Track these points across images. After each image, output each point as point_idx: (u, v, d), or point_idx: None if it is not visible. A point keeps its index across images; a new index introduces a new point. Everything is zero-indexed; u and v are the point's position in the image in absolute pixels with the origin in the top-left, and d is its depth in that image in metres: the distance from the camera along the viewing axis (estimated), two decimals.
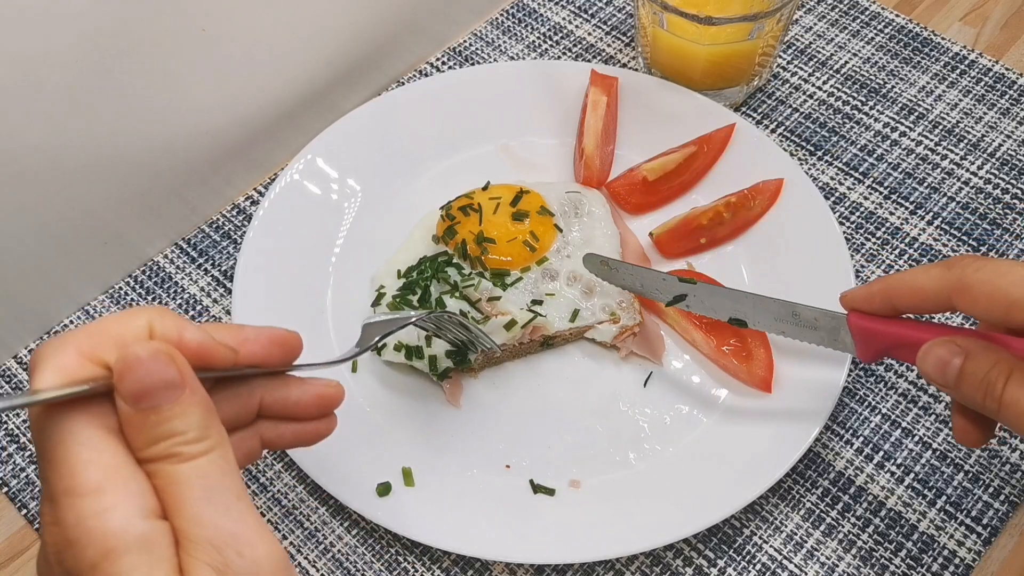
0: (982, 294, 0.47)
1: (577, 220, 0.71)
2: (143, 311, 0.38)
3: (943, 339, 0.49)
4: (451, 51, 0.87)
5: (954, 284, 0.48)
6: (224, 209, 0.78)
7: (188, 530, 0.35)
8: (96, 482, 0.34)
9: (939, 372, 0.48)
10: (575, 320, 0.66)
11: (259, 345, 0.43)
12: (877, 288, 0.53)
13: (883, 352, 0.54)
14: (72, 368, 0.36)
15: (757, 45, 0.75)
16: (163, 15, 0.64)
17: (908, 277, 0.51)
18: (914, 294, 0.51)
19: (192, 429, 0.36)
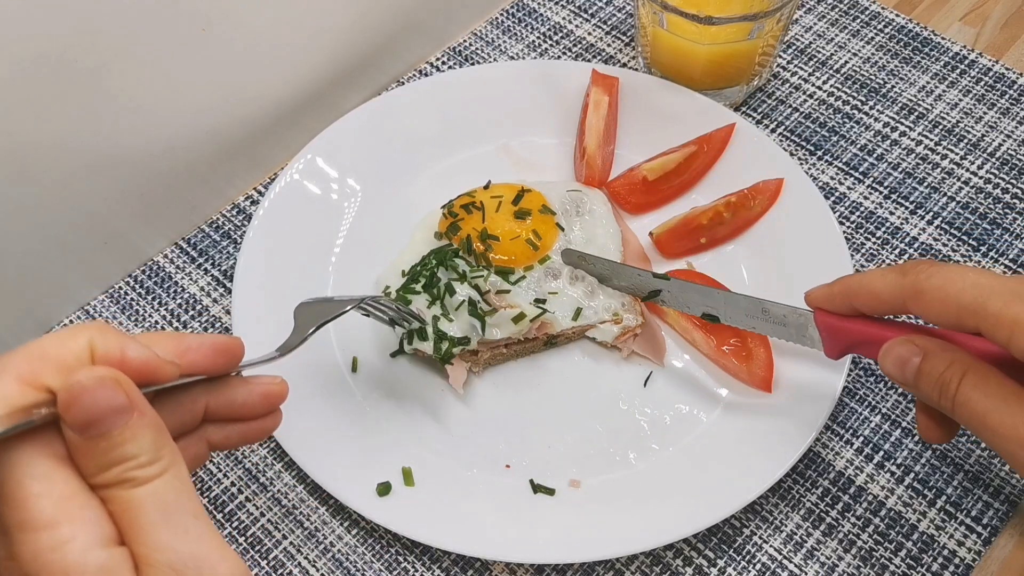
0: (935, 300, 0.48)
1: (579, 219, 0.71)
2: (82, 329, 0.37)
3: (903, 338, 0.50)
4: (451, 51, 0.87)
5: (908, 290, 0.49)
6: (224, 209, 0.78)
7: (147, 555, 0.35)
8: (50, 515, 0.34)
9: (898, 370, 0.50)
10: (578, 319, 0.66)
11: (201, 354, 0.42)
12: (837, 289, 0.54)
13: (848, 349, 0.56)
14: (13, 396, 0.35)
15: (757, 45, 0.75)
16: (163, 15, 0.64)
17: (866, 280, 0.52)
18: (871, 297, 0.52)
19: (144, 452, 0.36)
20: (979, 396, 0.46)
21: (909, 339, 0.50)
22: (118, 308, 0.72)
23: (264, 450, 0.65)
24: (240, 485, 0.64)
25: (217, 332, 0.71)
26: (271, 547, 0.61)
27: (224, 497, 0.63)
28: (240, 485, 0.64)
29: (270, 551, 0.61)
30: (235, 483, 0.64)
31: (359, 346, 0.68)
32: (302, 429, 0.62)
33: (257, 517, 0.62)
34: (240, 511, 0.63)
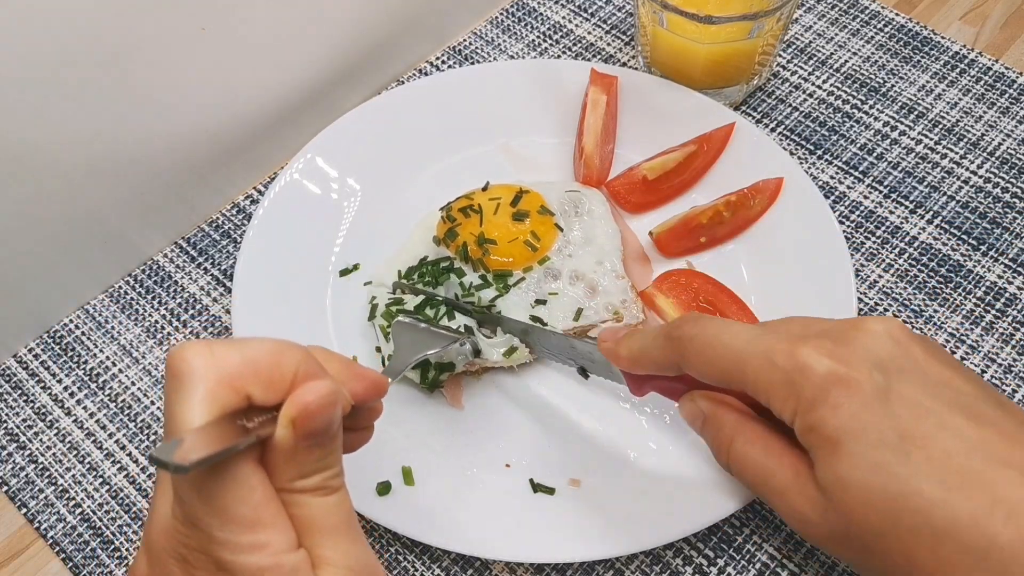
0: (699, 365, 0.50)
1: (577, 219, 0.71)
2: (294, 353, 0.39)
3: (690, 395, 0.54)
4: (451, 50, 0.87)
5: (676, 357, 0.51)
6: (224, 208, 0.78)
7: (331, 557, 0.38)
8: (251, 517, 0.36)
9: (691, 424, 0.54)
10: (578, 319, 0.66)
11: (362, 387, 0.44)
12: (623, 353, 0.55)
13: (648, 389, 0.57)
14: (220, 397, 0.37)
15: (757, 44, 0.75)
16: (162, 14, 0.64)
17: (643, 347, 0.54)
18: (651, 364, 0.54)
19: (338, 465, 0.40)
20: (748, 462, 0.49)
21: (692, 397, 0.54)
22: (118, 307, 0.72)
23: None
24: None
25: (217, 332, 0.71)
26: None
27: None
28: None
29: None
30: None
31: (359, 346, 0.68)
32: None
33: None
34: None
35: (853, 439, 0.44)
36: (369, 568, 0.40)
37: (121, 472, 0.65)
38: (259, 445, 0.38)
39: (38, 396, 0.68)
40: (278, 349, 0.39)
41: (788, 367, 0.46)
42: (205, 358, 0.37)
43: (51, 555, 0.62)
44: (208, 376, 0.37)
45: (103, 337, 0.71)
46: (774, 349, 0.47)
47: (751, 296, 0.69)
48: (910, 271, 0.72)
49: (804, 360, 0.46)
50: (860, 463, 0.44)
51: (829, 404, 0.44)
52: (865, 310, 0.70)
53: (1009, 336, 0.68)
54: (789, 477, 0.47)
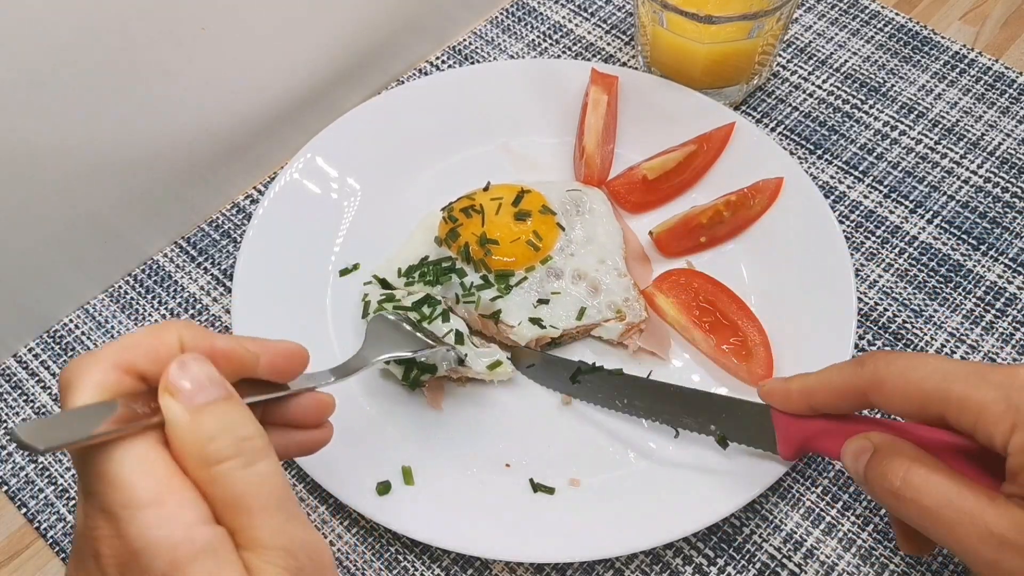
0: (896, 388, 0.47)
1: (579, 218, 0.71)
2: (172, 325, 0.40)
3: (861, 434, 0.50)
4: (451, 50, 0.87)
5: (868, 382, 0.48)
6: (224, 208, 0.78)
7: (261, 538, 0.36)
8: (154, 492, 0.35)
9: (853, 465, 0.49)
10: (581, 318, 0.66)
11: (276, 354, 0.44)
12: (795, 387, 0.53)
13: (804, 447, 0.55)
14: (110, 382, 0.37)
15: (757, 44, 0.75)
16: (162, 14, 0.64)
17: (823, 376, 0.51)
18: (830, 393, 0.51)
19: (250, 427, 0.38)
20: (930, 487, 0.45)
21: (865, 435, 0.49)
22: (118, 307, 0.72)
23: None
24: None
25: (217, 331, 0.71)
26: None
27: None
28: None
29: None
30: None
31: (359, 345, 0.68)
32: None
33: None
34: None
35: None
36: (309, 547, 0.37)
37: None
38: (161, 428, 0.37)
39: (38, 396, 0.68)
40: (158, 326, 0.40)
41: (1005, 383, 0.44)
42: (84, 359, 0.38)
43: (51, 555, 0.62)
44: (90, 369, 0.37)
45: (103, 337, 0.71)
46: (985, 369, 0.45)
47: (751, 296, 0.69)
48: (910, 271, 0.72)
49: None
50: None
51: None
52: (865, 310, 0.70)
53: (1009, 336, 0.68)
54: (984, 499, 0.44)
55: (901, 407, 0.48)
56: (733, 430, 0.59)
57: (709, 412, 0.59)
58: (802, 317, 0.65)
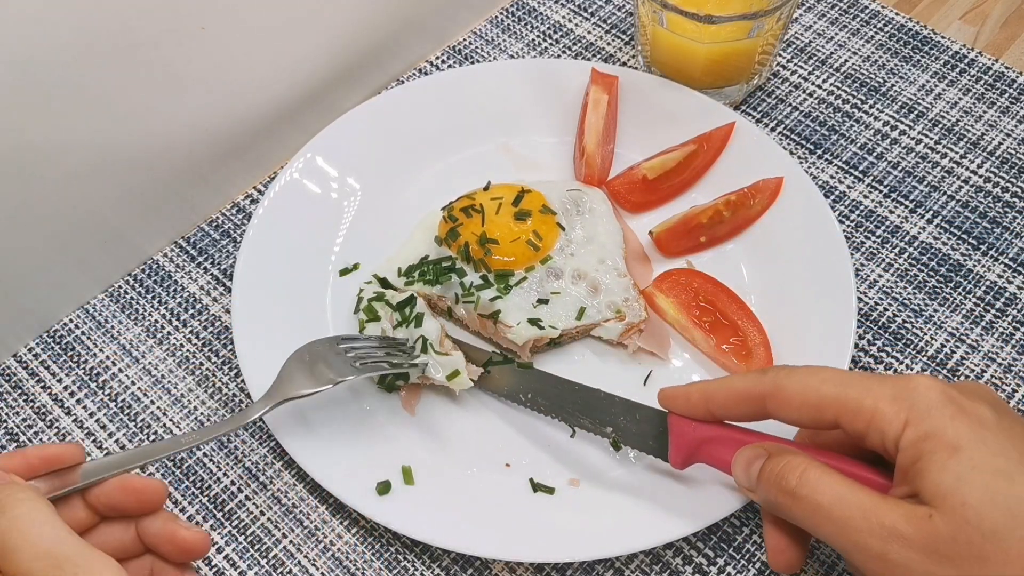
0: (794, 395, 0.49)
1: (579, 218, 0.71)
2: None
3: (754, 444, 0.52)
4: (451, 49, 0.87)
5: (768, 388, 0.50)
6: (224, 208, 0.78)
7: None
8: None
9: (744, 472, 0.51)
10: (581, 318, 0.66)
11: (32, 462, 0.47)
12: (695, 389, 0.54)
13: (694, 454, 0.56)
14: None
15: (757, 43, 0.75)
16: (162, 13, 0.64)
17: (725, 382, 0.53)
18: (729, 397, 0.52)
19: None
20: (824, 486, 0.46)
21: (759, 444, 0.51)
22: (118, 307, 0.72)
23: (264, 449, 0.65)
24: (240, 484, 0.64)
25: (217, 331, 0.71)
26: (271, 546, 0.61)
27: (224, 496, 0.63)
28: (240, 484, 0.64)
29: (270, 550, 0.61)
30: (235, 482, 0.64)
31: None
32: (301, 428, 0.62)
33: (257, 516, 0.62)
34: (240, 510, 0.63)
35: (974, 446, 0.44)
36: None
37: None
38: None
39: (38, 396, 0.68)
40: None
41: (899, 385, 0.47)
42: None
43: None
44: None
45: (103, 337, 0.71)
46: (880, 376, 0.48)
47: (751, 296, 0.69)
48: (910, 270, 0.72)
49: (918, 380, 0.47)
50: (982, 465, 0.43)
51: (947, 415, 0.45)
52: (865, 310, 0.70)
53: (1009, 336, 0.68)
54: (875, 496, 0.46)
55: (798, 413, 0.49)
56: (628, 434, 0.59)
57: (606, 414, 0.60)
58: (802, 317, 0.66)
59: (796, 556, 0.51)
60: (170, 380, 0.68)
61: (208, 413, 0.67)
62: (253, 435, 0.66)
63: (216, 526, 0.62)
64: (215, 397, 0.68)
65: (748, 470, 0.51)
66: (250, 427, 0.66)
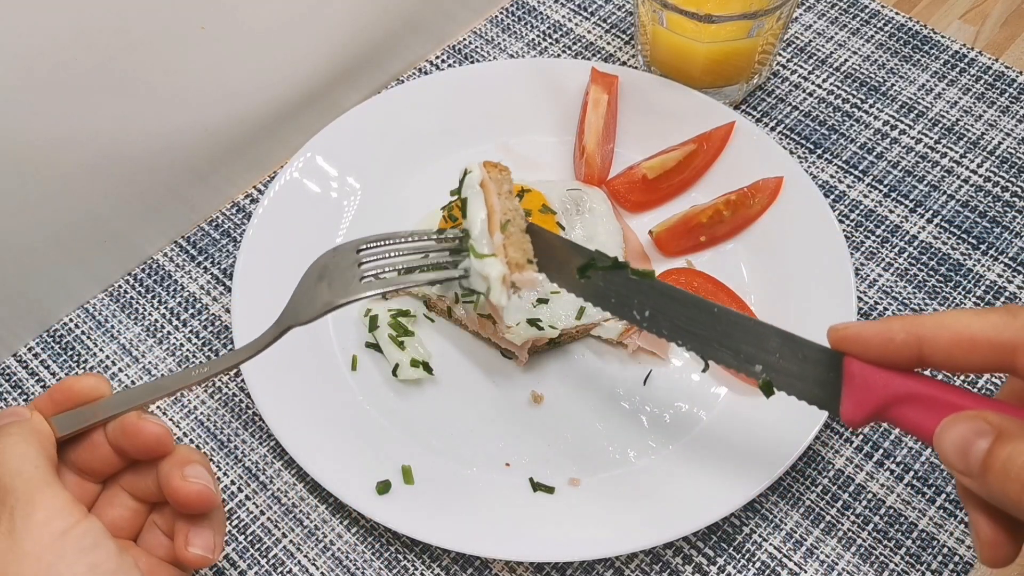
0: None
1: (579, 217, 0.71)
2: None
3: (971, 412, 0.39)
4: (451, 49, 0.87)
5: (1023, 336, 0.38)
6: (224, 207, 0.78)
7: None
8: None
9: (959, 456, 0.38)
10: (581, 317, 0.66)
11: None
12: (901, 328, 0.42)
13: (879, 413, 0.43)
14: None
15: (757, 43, 0.75)
16: (162, 12, 0.64)
17: (948, 320, 0.41)
18: (957, 343, 0.40)
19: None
20: None
21: (979, 413, 0.38)
22: (118, 306, 0.72)
23: (264, 448, 0.65)
24: (240, 483, 0.64)
25: (217, 330, 0.71)
26: (271, 545, 0.61)
27: (224, 495, 0.63)
28: (240, 483, 0.64)
29: (270, 549, 0.61)
30: (235, 481, 0.64)
31: (359, 345, 0.68)
32: (302, 427, 0.62)
33: (257, 515, 0.62)
34: (240, 509, 0.63)
35: None
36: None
37: None
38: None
39: (38, 395, 0.68)
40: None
41: None
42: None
43: None
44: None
45: (103, 336, 0.71)
46: None
47: (751, 295, 0.69)
48: (910, 270, 0.72)
49: None
50: None
51: None
52: (865, 309, 0.70)
53: None
54: None
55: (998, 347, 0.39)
56: (785, 375, 0.46)
57: (757, 345, 0.47)
58: (802, 316, 0.65)
59: (1013, 549, 0.40)
60: None
61: (208, 412, 0.67)
62: (253, 435, 0.66)
63: None
64: (215, 397, 0.68)
65: (968, 452, 0.38)
66: (248, 425, 0.66)
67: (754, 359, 0.47)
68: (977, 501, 0.40)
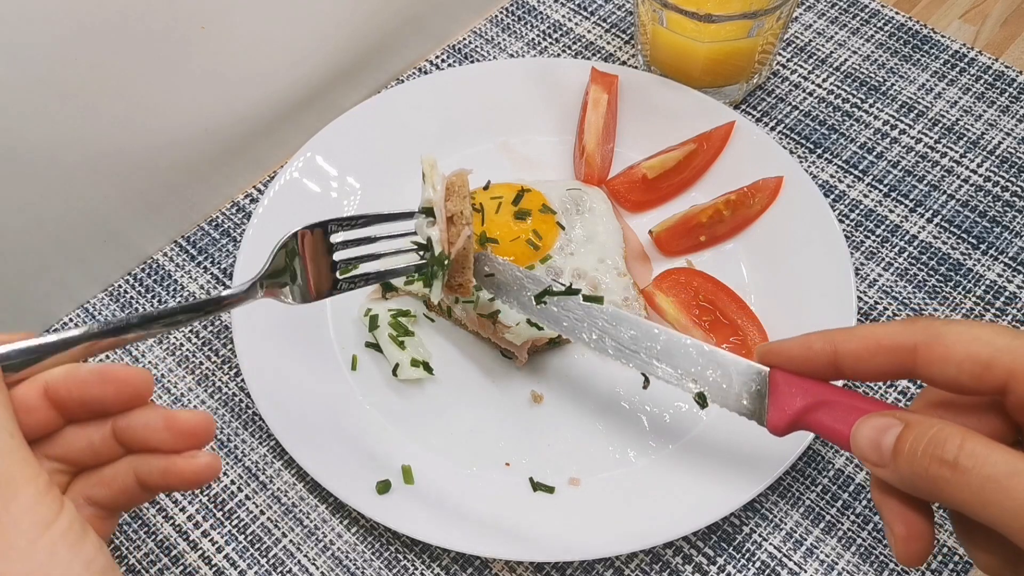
0: (958, 345, 0.42)
1: (579, 217, 0.71)
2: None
3: (881, 412, 0.44)
4: (451, 49, 0.87)
5: (922, 337, 0.43)
6: (224, 207, 0.78)
7: None
8: None
9: (872, 448, 0.42)
10: None
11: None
12: (818, 338, 0.47)
13: (799, 419, 0.48)
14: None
15: (757, 43, 0.75)
16: (162, 12, 0.64)
17: (858, 330, 0.46)
18: (866, 347, 0.45)
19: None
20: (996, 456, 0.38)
21: (889, 412, 0.43)
22: (117, 306, 0.72)
23: (264, 448, 0.65)
24: (240, 483, 0.64)
25: (216, 330, 0.71)
26: (271, 545, 0.61)
27: (224, 495, 0.63)
28: (240, 483, 0.64)
29: (270, 549, 0.61)
30: (235, 481, 0.64)
31: (359, 345, 0.68)
32: (302, 427, 0.62)
33: (257, 515, 0.62)
34: (240, 509, 0.63)
35: None
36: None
37: None
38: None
39: None
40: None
41: None
42: None
43: None
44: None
45: None
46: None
47: (751, 295, 0.69)
48: (910, 270, 0.72)
49: None
50: None
51: None
52: (865, 309, 0.70)
53: None
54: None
55: (957, 370, 0.42)
56: (717, 389, 0.52)
57: (691, 364, 0.53)
58: (802, 316, 0.65)
59: (926, 545, 0.43)
60: (170, 379, 0.68)
61: (208, 412, 0.67)
62: (253, 435, 0.66)
63: (216, 525, 0.62)
64: (215, 396, 0.68)
65: (880, 440, 0.42)
66: (248, 425, 0.66)
67: (689, 375, 0.54)
68: (891, 500, 0.43)
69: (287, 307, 0.68)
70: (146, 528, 0.62)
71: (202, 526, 0.62)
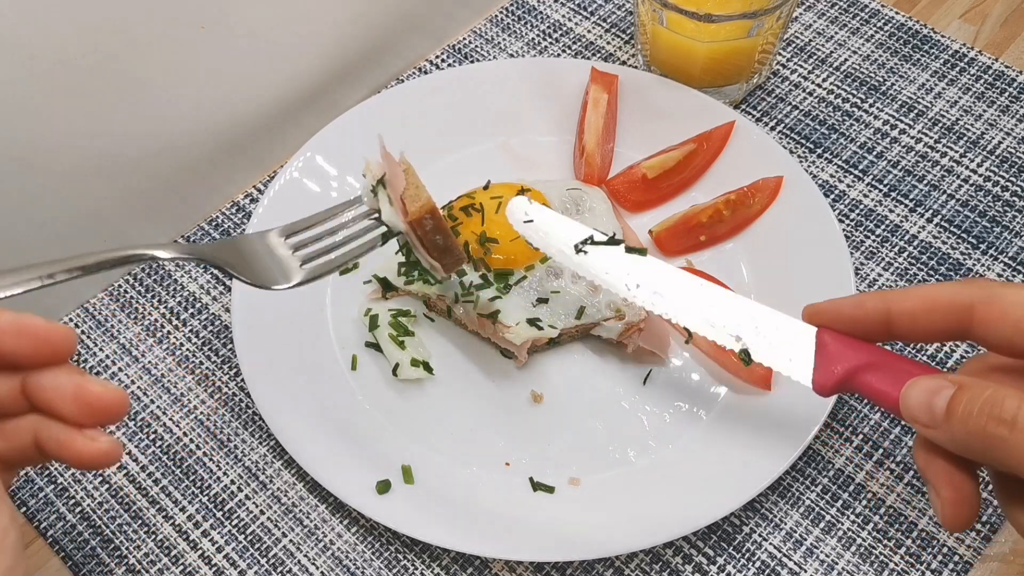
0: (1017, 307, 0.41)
1: (579, 217, 0.71)
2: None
3: (932, 375, 0.43)
4: (450, 48, 0.87)
5: (979, 296, 0.42)
6: (223, 207, 0.78)
7: None
8: None
9: (924, 409, 0.42)
10: (581, 317, 0.66)
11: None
12: (870, 297, 0.46)
13: (846, 382, 0.47)
14: None
15: (757, 42, 0.75)
16: (162, 12, 0.64)
17: (913, 290, 0.45)
18: (921, 306, 0.44)
19: None
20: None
21: (940, 375, 0.43)
22: (118, 306, 0.72)
23: (264, 448, 0.65)
24: (240, 483, 0.64)
25: (217, 330, 0.71)
26: (270, 545, 0.61)
27: (224, 495, 0.63)
28: (240, 483, 0.64)
29: (269, 549, 0.61)
30: (235, 481, 0.64)
31: (359, 344, 0.68)
32: (301, 427, 0.62)
33: (257, 515, 0.62)
34: (240, 509, 0.63)
35: None
36: None
37: (120, 470, 0.65)
38: None
39: None
40: None
41: None
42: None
43: (51, 554, 0.62)
44: None
45: (103, 336, 0.71)
46: None
47: (751, 294, 0.69)
48: (910, 269, 0.72)
49: None
50: None
51: None
52: None
53: None
54: None
55: (1014, 330, 0.41)
56: (762, 345, 0.51)
57: (736, 318, 0.52)
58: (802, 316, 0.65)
59: (975, 509, 0.43)
60: (169, 379, 0.68)
61: (208, 412, 0.67)
62: (253, 435, 0.66)
63: (216, 525, 0.62)
64: (215, 396, 0.68)
65: (932, 402, 0.41)
66: (248, 424, 0.66)
67: (735, 330, 0.52)
68: (938, 462, 0.43)
69: (287, 308, 0.68)
70: (146, 528, 0.62)
71: (202, 526, 0.62)
